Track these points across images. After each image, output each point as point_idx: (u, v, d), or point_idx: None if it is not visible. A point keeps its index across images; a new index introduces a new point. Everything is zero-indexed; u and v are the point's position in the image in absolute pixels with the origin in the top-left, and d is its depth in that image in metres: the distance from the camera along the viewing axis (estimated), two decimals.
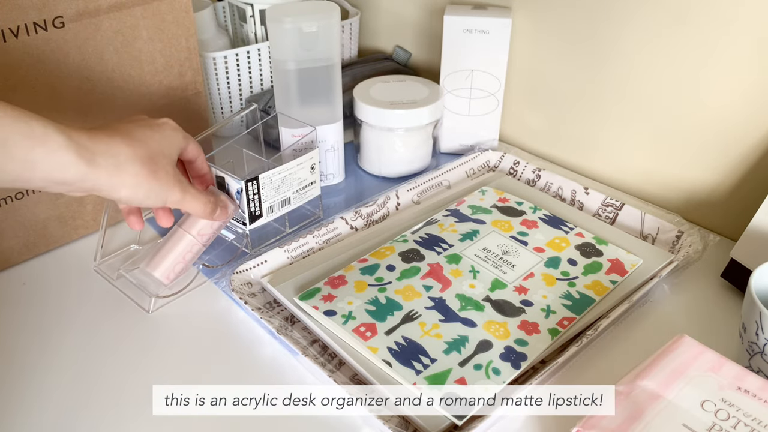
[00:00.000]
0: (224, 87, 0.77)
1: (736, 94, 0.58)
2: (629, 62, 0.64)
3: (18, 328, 0.51)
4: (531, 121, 0.76)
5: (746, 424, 0.35)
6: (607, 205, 0.65)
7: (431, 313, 0.50)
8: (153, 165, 0.43)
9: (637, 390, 0.38)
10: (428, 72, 0.86)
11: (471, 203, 0.64)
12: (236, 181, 0.54)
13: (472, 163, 0.72)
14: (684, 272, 0.57)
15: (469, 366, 0.45)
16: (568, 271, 0.55)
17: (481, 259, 0.56)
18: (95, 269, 0.57)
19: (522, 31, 0.72)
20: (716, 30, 0.56)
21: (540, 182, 0.70)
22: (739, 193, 0.61)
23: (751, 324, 0.43)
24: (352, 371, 0.47)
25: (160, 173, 0.44)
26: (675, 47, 0.60)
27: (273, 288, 0.53)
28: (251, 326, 0.52)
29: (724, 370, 0.39)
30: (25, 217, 0.56)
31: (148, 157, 0.43)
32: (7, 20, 0.49)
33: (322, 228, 0.60)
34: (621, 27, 0.63)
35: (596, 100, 0.68)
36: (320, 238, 0.60)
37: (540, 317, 0.50)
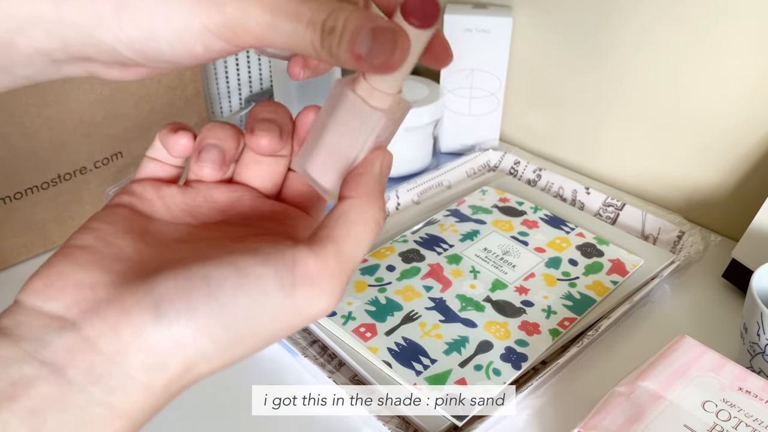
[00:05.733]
0: (223, 87, 0.77)
1: (738, 93, 0.57)
2: (630, 61, 0.63)
3: None
4: (532, 121, 0.76)
5: (747, 425, 0.35)
6: (608, 205, 0.64)
7: (431, 313, 0.50)
8: None
9: (638, 391, 0.37)
10: (428, 71, 0.86)
11: (471, 203, 0.64)
12: None
13: (472, 163, 0.72)
14: (685, 272, 0.57)
15: (469, 367, 0.45)
16: (568, 271, 0.55)
17: (481, 259, 0.56)
18: None
19: (523, 31, 0.72)
20: (717, 29, 0.56)
21: (541, 182, 0.69)
22: (740, 193, 0.61)
23: (752, 324, 0.43)
24: (352, 372, 0.47)
25: None
26: (676, 46, 0.60)
27: None
28: None
29: (726, 370, 0.39)
30: (23, 217, 0.56)
31: None
32: None
33: None
34: (622, 26, 0.63)
35: (597, 99, 0.68)
36: None
37: (541, 318, 0.50)
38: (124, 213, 0.26)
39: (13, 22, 0.22)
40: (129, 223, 0.25)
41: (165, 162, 0.28)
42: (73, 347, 0.21)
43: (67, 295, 0.22)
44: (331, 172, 0.26)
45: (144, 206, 0.27)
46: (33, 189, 0.56)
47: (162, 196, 0.27)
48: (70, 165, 0.58)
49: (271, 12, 0.23)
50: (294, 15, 0.23)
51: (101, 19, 0.23)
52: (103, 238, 0.24)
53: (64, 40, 0.23)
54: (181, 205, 0.28)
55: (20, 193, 0.55)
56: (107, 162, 0.60)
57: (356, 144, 0.26)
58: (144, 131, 0.62)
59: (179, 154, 0.28)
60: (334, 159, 0.26)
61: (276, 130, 0.27)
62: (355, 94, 0.25)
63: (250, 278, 0.22)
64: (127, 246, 0.24)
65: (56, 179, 0.57)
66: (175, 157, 0.28)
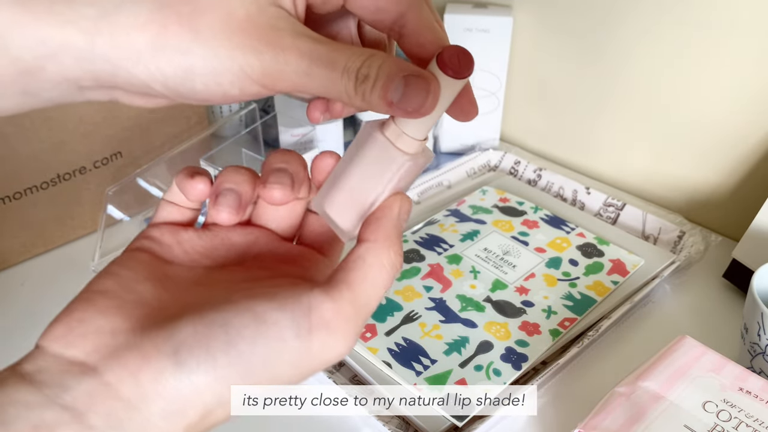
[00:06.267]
0: None
1: (738, 93, 0.57)
2: (631, 61, 0.63)
3: (16, 328, 0.51)
4: (532, 121, 0.76)
5: (748, 425, 0.35)
6: (608, 205, 0.64)
7: (431, 313, 0.49)
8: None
9: (638, 391, 0.37)
10: None
11: (471, 203, 0.64)
12: None
13: (472, 163, 0.72)
14: (686, 273, 0.57)
15: (469, 367, 0.45)
16: (569, 271, 0.55)
17: (481, 259, 0.56)
18: (94, 270, 0.57)
19: (523, 30, 0.71)
20: (718, 30, 0.56)
21: (541, 182, 0.69)
22: (740, 193, 0.61)
23: (752, 325, 0.43)
24: (351, 372, 0.47)
25: (198, 23, 0.23)
26: (677, 47, 0.59)
27: None
28: None
29: (726, 370, 0.39)
30: (23, 217, 0.56)
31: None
32: None
33: None
34: (623, 26, 0.63)
35: (598, 99, 0.68)
36: None
37: (541, 318, 0.50)
38: (143, 258, 0.26)
39: (44, 48, 0.22)
40: (149, 269, 0.26)
41: (182, 206, 0.28)
42: (94, 393, 0.21)
43: (88, 341, 0.22)
44: (350, 213, 0.27)
45: (163, 251, 0.27)
46: (32, 189, 0.56)
47: (180, 240, 0.28)
48: (70, 165, 0.57)
49: (308, 60, 0.23)
50: (329, 63, 0.23)
51: (137, 54, 0.23)
52: (123, 284, 0.24)
53: (94, 71, 0.23)
54: (199, 248, 0.28)
55: (19, 193, 0.55)
56: (107, 162, 0.60)
57: (378, 186, 0.26)
58: (143, 131, 0.62)
59: (196, 199, 0.28)
60: (354, 200, 0.26)
61: (288, 181, 0.27)
62: (384, 136, 0.25)
63: (268, 324, 0.22)
64: (146, 291, 0.24)
65: (56, 179, 0.57)
66: (192, 202, 0.28)
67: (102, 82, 0.24)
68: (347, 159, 0.27)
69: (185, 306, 0.23)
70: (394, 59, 0.24)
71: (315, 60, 0.23)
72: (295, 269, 0.28)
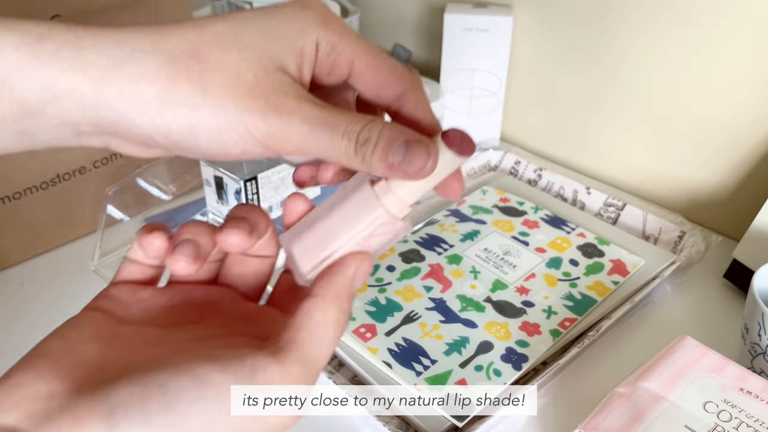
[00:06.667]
0: None
1: (739, 93, 0.57)
2: (631, 61, 0.63)
3: (16, 328, 0.51)
4: (532, 121, 0.76)
5: (748, 425, 0.35)
6: (608, 205, 0.64)
7: (432, 314, 0.49)
8: (192, 62, 0.23)
9: (638, 391, 0.37)
10: (428, 71, 0.85)
11: (472, 203, 0.64)
12: (234, 181, 0.53)
13: (472, 163, 0.72)
14: (686, 273, 0.57)
15: (469, 367, 0.45)
16: (569, 271, 0.55)
17: (482, 259, 0.56)
18: (93, 269, 0.57)
19: (523, 30, 0.71)
20: (719, 29, 0.56)
21: (541, 182, 0.69)
22: (741, 193, 0.61)
23: (753, 325, 0.43)
24: (351, 372, 0.47)
25: (206, 79, 0.23)
26: (678, 46, 0.59)
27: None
28: None
29: (727, 371, 0.39)
30: (23, 217, 0.56)
31: (190, 52, 0.23)
32: None
33: None
34: (623, 26, 0.62)
35: (598, 99, 0.68)
36: None
37: (541, 318, 0.50)
38: (96, 318, 0.26)
39: (47, 93, 0.23)
40: (99, 329, 0.25)
41: (143, 263, 0.28)
42: None
43: (22, 408, 0.22)
44: (312, 256, 0.27)
45: (119, 310, 0.27)
46: (32, 189, 0.56)
47: (138, 299, 0.27)
48: (69, 165, 0.57)
49: (310, 123, 0.24)
50: (331, 126, 0.24)
51: (144, 105, 0.23)
52: (68, 345, 0.24)
53: (97, 117, 0.23)
54: (157, 307, 0.28)
55: (19, 193, 0.55)
56: (106, 162, 0.60)
57: (347, 234, 0.26)
58: None
59: (155, 255, 0.27)
60: (320, 244, 0.26)
61: (246, 227, 0.27)
62: (372, 189, 0.26)
63: (209, 386, 0.22)
64: (91, 352, 0.24)
65: (55, 179, 0.57)
66: (151, 258, 0.28)
67: (102, 128, 0.24)
68: (331, 202, 0.27)
69: (129, 367, 0.23)
70: (394, 125, 0.25)
71: (317, 123, 0.24)
72: (254, 328, 0.27)
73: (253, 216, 0.28)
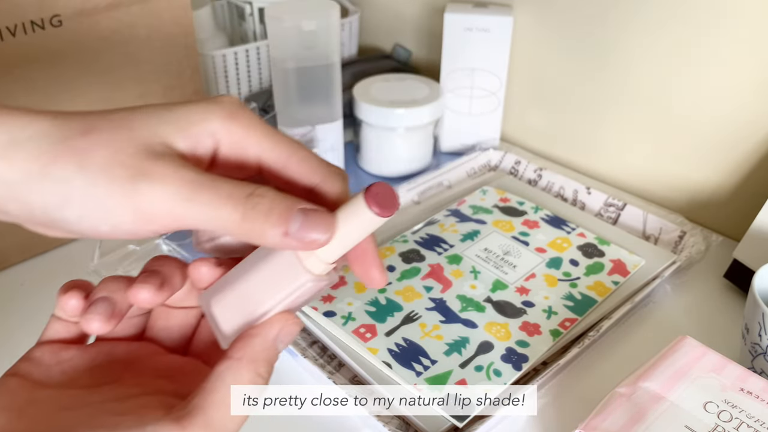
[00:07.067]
0: (223, 86, 0.77)
1: (740, 93, 0.57)
2: (632, 61, 0.63)
3: (16, 329, 0.51)
4: (532, 121, 0.76)
5: (749, 426, 0.35)
6: (609, 205, 0.64)
7: (432, 314, 0.49)
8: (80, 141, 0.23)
9: (639, 392, 0.37)
10: (429, 70, 0.85)
11: (472, 203, 0.64)
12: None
13: (472, 163, 0.72)
14: (686, 273, 0.57)
15: (470, 367, 0.45)
16: (569, 271, 0.55)
17: (482, 259, 0.55)
18: (93, 269, 0.57)
19: (523, 30, 0.71)
20: (719, 29, 0.56)
21: (541, 182, 0.69)
22: (742, 193, 0.61)
23: (753, 325, 0.43)
24: (351, 373, 0.46)
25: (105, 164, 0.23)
26: (678, 46, 0.59)
27: None
28: None
29: (727, 371, 0.38)
30: None
31: (82, 132, 0.24)
32: (4, 19, 0.49)
33: None
34: (623, 25, 0.62)
35: (598, 99, 0.68)
36: None
37: (541, 318, 0.50)
38: (12, 385, 0.25)
39: None
40: (11, 398, 0.25)
41: (68, 321, 0.28)
42: None
43: None
44: (235, 318, 0.26)
45: (39, 373, 0.26)
46: None
47: (60, 360, 0.27)
48: None
49: (190, 186, 0.23)
50: (213, 189, 0.23)
51: (26, 175, 0.23)
52: None
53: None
54: (79, 367, 0.27)
55: None
56: None
57: (270, 300, 0.25)
58: None
59: (73, 315, 0.27)
60: (243, 306, 0.25)
61: (155, 283, 0.26)
62: (294, 252, 0.25)
63: None
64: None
65: None
66: (71, 317, 0.27)
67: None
68: (251, 261, 0.26)
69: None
70: (286, 194, 0.24)
71: (197, 188, 0.23)
72: (171, 385, 0.27)
73: (167, 269, 0.27)
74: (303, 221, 0.23)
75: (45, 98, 0.53)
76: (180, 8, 0.60)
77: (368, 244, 0.26)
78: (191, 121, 0.25)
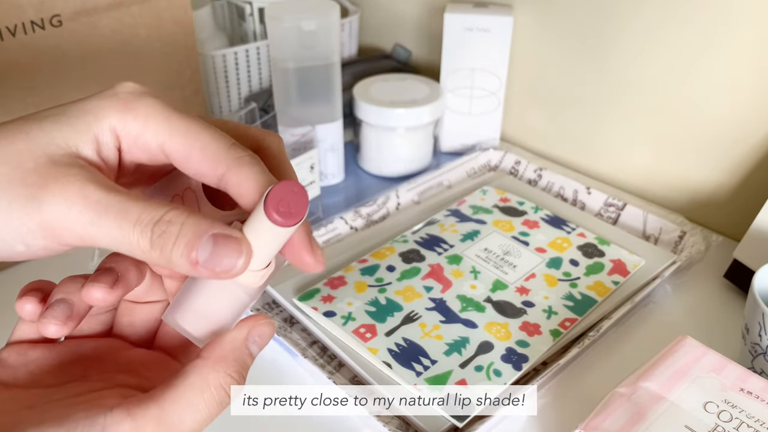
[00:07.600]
0: (223, 86, 0.77)
1: (740, 93, 0.57)
2: (632, 61, 0.63)
3: None
4: (532, 121, 0.76)
5: (749, 426, 0.35)
6: (609, 205, 0.64)
7: (432, 314, 0.49)
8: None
9: (639, 391, 0.37)
10: (429, 70, 0.85)
11: (472, 203, 0.64)
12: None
13: (472, 163, 0.72)
14: (686, 273, 0.57)
15: (470, 367, 0.45)
16: (569, 271, 0.55)
17: (482, 259, 0.55)
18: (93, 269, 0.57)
19: (523, 30, 0.71)
20: (719, 30, 0.56)
21: (541, 182, 0.69)
22: (742, 193, 0.61)
23: (753, 325, 0.43)
24: (351, 373, 0.46)
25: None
26: (678, 46, 0.59)
27: (272, 289, 0.52)
28: None
29: (727, 371, 0.38)
30: None
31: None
32: (4, 19, 0.49)
33: (321, 228, 0.60)
34: (624, 25, 0.62)
35: (598, 99, 0.68)
36: (319, 238, 0.59)
37: (541, 318, 0.50)
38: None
39: None
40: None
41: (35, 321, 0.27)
42: None
43: None
44: (206, 327, 0.26)
45: (5, 375, 0.26)
46: None
47: (27, 361, 0.26)
48: None
49: (95, 209, 0.22)
50: (120, 213, 0.22)
51: None
52: None
53: None
54: (46, 366, 0.26)
55: None
56: None
57: (225, 316, 0.25)
58: None
59: (30, 318, 0.26)
60: (206, 318, 0.26)
61: (108, 281, 0.25)
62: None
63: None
64: None
65: None
66: (30, 321, 0.27)
67: None
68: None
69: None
70: (200, 216, 0.22)
71: (102, 210, 0.21)
72: (134, 379, 0.26)
73: (121, 265, 0.26)
74: (213, 249, 0.22)
75: (45, 98, 0.53)
76: (180, 8, 0.60)
77: (295, 233, 0.25)
78: (87, 121, 0.24)
